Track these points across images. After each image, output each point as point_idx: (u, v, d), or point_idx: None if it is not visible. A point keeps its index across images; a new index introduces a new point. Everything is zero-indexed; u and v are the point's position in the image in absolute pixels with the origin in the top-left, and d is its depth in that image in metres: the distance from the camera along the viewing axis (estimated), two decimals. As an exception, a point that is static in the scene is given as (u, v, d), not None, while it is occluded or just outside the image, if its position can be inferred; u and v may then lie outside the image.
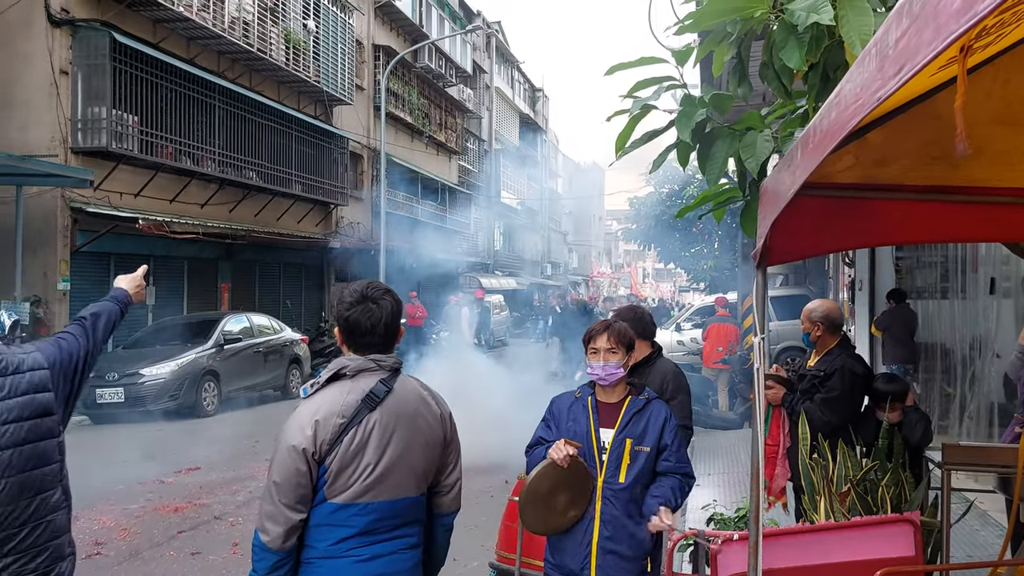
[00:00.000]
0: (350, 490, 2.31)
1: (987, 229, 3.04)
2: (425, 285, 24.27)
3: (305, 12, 19.46)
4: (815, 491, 3.87)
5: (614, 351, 3.14)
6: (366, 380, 2.39)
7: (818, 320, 4.49)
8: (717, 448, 9.82)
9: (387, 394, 2.42)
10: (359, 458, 2.31)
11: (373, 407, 2.36)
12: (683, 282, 41.56)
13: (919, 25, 1.01)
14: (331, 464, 2.30)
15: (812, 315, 4.52)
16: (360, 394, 2.36)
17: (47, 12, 13.34)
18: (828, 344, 4.49)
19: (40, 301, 13.01)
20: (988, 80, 2.04)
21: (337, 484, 2.31)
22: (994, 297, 7.30)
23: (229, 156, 17.01)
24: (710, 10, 2.33)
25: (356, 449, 2.31)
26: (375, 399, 2.37)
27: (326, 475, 2.31)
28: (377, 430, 2.34)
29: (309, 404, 2.35)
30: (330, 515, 2.32)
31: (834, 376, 4.30)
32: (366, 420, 2.34)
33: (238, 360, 13.94)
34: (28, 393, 2.45)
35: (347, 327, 2.45)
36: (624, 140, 3.22)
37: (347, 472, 2.31)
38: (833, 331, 4.50)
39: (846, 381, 4.28)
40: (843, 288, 13.87)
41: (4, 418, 2.38)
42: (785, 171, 2.26)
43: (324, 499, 2.32)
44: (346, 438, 2.31)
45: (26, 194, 12.79)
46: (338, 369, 2.40)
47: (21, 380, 2.46)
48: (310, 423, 2.30)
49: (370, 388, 2.38)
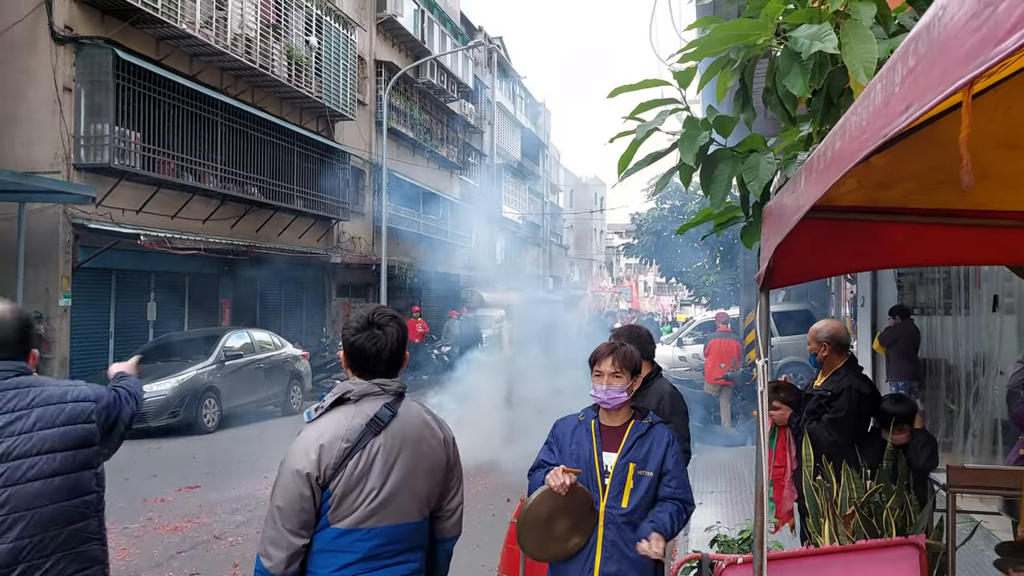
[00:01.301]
0: (354, 515, 2.29)
1: (991, 252, 3.03)
2: (426, 300, 24.29)
3: (307, 28, 19.56)
4: (819, 513, 3.85)
5: (618, 375, 3.12)
6: (370, 404, 2.38)
7: (824, 340, 4.48)
8: (720, 466, 9.78)
9: (391, 418, 2.41)
10: (363, 483, 2.30)
11: (377, 431, 2.35)
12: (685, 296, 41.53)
13: (926, 65, 1.01)
14: (335, 489, 2.28)
15: (819, 335, 4.50)
16: (365, 418, 2.35)
17: (51, 30, 13.42)
18: (835, 364, 4.47)
19: (42, 317, 13.01)
20: (991, 105, 2.04)
21: (341, 509, 2.29)
22: (997, 314, 7.29)
23: (231, 172, 17.06)
24: (714, 38, 2.33)
25: (360, 474, 2.30)
26: (380, 423, 2.36)
27: (330, 500, 2.29)
28: (381, 455, 2.33)
29: (313, 428, 2.34)
30: (333, 540, 2.30)
31: (841, 396, 4.29)
32: (370, 445, 2.33)
33: (239, 376, 13.91)
34: (65, 424, 2.49)
35: (352, 352, 2.45)
36: (626, 162, 3.21)
37: (351, 497, 2.29)
38: (840, 351, 4.49)
39: (853, 401, 4.26)
40: (845, 304, 13.86)
41: (36, 449, 2.43)
42: (789, 196, 2.26)
43: (327, 524, 2.30)
44: (350, 463, 2.29)
45: (28, 210, 12.82)
46: (343, 393, 2.39)
47: (59, 411, 2.51)
48: (314, 447, 2.28)
49: (375, 412, 2.37)
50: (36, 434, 2.43)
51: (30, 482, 2.39)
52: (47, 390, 2.52)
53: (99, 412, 2.61)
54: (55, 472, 2.44)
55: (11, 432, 2.41)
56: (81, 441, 2.52)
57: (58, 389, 2.55)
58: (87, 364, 13.69)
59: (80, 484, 2.52)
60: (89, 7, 13.93)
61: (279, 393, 15.15)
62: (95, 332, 14.47)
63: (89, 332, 14.25)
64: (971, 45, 0.88)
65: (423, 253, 26.97)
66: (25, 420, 2.45)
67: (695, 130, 2.86)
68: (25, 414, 2.45)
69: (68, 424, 2.50)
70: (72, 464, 2.49)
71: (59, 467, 2.45)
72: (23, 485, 2.39)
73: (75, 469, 2.50)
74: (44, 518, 2.41)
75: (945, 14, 0.98)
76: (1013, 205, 2.71)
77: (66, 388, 2.58)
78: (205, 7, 15.65)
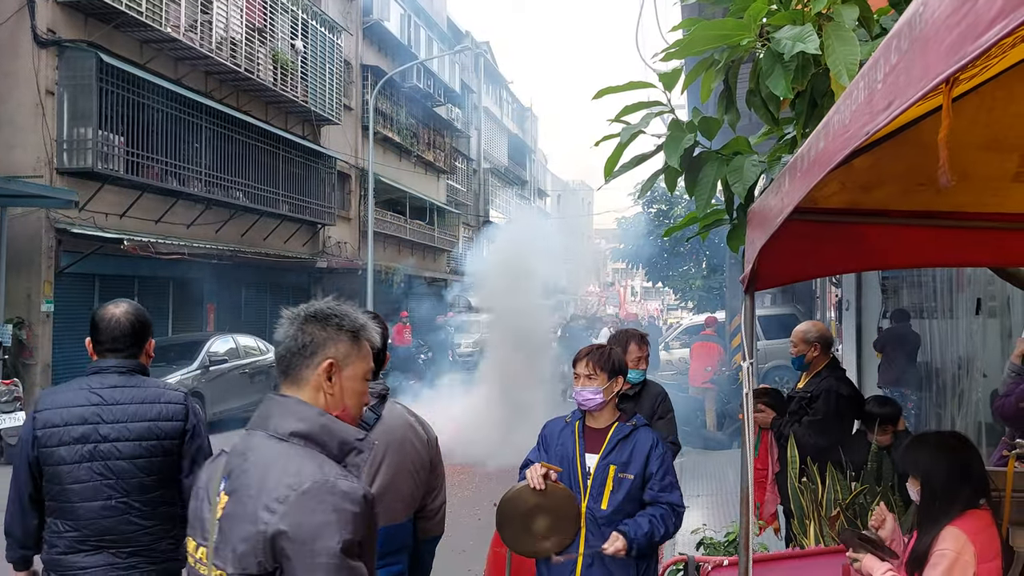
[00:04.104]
0: None
1: (974, 254, 3.05)
2: (414, 305, 24.22)
3: (293, 32, 19.50)
4: (804, 515, 3.86)
5: (592, 376, 3.12)
6: None
7: (815, 340, 4.51)
8: (706, 469, 9.81)
9: (376, 421, 2.41)
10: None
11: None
12: (672, 300, 41.60)
13: (907, 62, 1.01)
14: None
15: (807, 336, 4.54)
16: None
17: (34, 33, 13.30)
18: (820, 365, 4.50)
19: (23, 323, 12.88)
20: (972, 108, 2.06)
21: None
22: (980, 317, 7.33)
23: (216, 176, 16.96)
24: (697, 37, 2.34)
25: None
26: (365, 427, 2.34)
27: None
28: (367, 457, 2.32)
29: None
30: None
31: (820, 398, 4.32)
32: None
33: (224, 382, 13.80)
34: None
35: None
36: (612, 165, 3.22)
37: None
38: (827, 352, 4.53)
39: (832, 403, 4.29)
40: (830, 308, 13.92)
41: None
42: (773, 197, 2.27)
43: None
44: None
45: (10, 215, 12.69)
46: None
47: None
48: None
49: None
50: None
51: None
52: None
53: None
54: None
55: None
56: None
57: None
58: (70, 370, 13.55)
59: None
60: (72, 10, 13.82)
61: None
62: (78, 338, 14.28)
63: (72, 338, 14.08)
64: (952, 40, 0.89)
65: (409, 257, 26.91)
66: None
67: (680, 132, 2.87)
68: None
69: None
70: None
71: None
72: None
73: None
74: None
75: (926, 10, 0.98)
76: (995, 207, 2.72)
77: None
78: (190, 11, 15.57)
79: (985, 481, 2.62)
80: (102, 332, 2.82)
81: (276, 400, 1.72)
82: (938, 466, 2.54)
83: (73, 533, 2.67)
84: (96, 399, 2.72)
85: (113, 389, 2.75)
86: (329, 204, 21.86)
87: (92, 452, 2.67)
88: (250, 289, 19.64)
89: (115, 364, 2.79)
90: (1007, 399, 4.23)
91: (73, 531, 2.67)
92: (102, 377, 2.78)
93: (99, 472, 2.67)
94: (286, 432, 1.63)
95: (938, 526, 2.46)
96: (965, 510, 2.47)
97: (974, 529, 2.43)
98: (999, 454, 4.99)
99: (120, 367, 2.79)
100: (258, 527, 1.52)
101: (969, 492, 2.50)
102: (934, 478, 2.53)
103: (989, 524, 2.50)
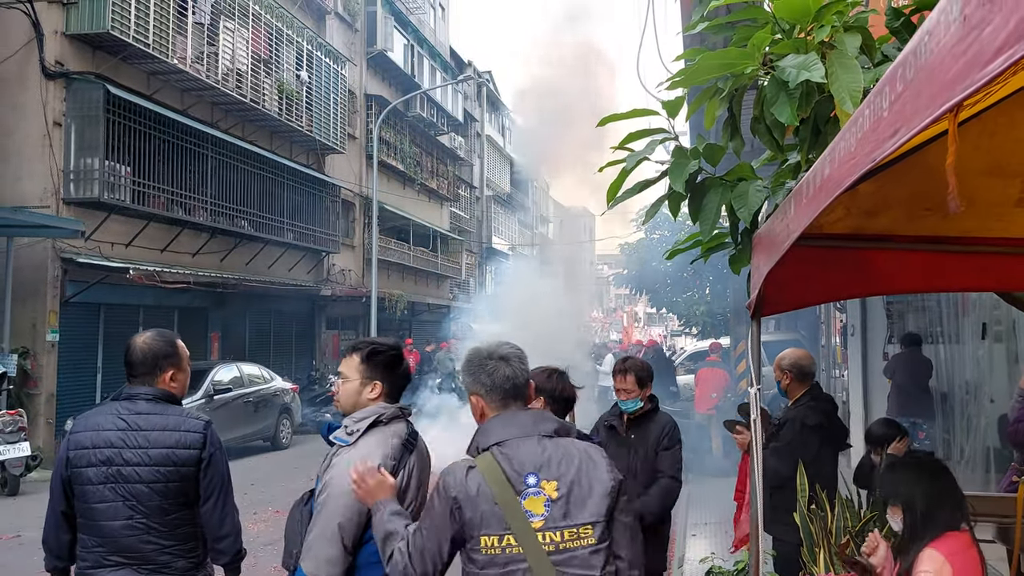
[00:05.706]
0: None
1: (979, 279, 3.05)
2: (416, 332, 24.21)
3: (298, 63, 19.70)
4: (814, 543, 3.82)
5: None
6: (398, 425, 2.63)
7: (787, 368, 4.52)
8: (712, 496, 9.71)
9: (416, 437, 2.69)
10: (405, 497, 2.50)
11: (411, 450, 2.60)
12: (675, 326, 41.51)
13: (914, 90, 1.03)
14: None
15: (781, 363, 4.57)
16: (399, 438, 2.58)
17: (42, 65, 13.46)
18: (796, 393, 4.51)
19: (28, 353, 12.88)
20: (975, 134, 2.07)
21: None
22: (985, 342, 7.31)
23: (221, 205, 17.05)
24: (701, 67, 2.36)
25: (403, 489, 2.50)
26: (412, 443, 2.62)
27: None
28: (416, 470, 2.58)
29: (358, 450, 2.52)
30: (375, 554, 2.42)
31: (786, 425, 4.35)
32: (408, 462, 2.56)
33: (228, 411, 13.76)
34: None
35: (395, 379, 2.74)
36: (615, 191, 3.24)
37: None
38: (802, 379, 4.51)
39: (795, 432, 4.31)
40: (835, 334, 13.88)
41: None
42: (779, 222, 2.28)
43: (370, 539, 2.44)
44: (396, 479, 2.49)
45: (16, 245, 12.75)
46: (376, 416, 2.59)
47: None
48: None
49: (405, 432, 2.62)
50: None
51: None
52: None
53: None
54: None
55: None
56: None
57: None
58: (75, 400, 13.53)
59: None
60: (80, 43, 13.99)
61: (268, 427, 15.01)
62: (83, 367, 14.31)
63: (77, 367, 14.10)
64: (957, 69, 0.90)
65: (413, 285, 26.94)
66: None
67: (684, 159, 2.89)
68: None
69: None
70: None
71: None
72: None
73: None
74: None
75: (931, 39, 1.00)
76: (999, 232, 2.73)
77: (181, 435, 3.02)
78: (196, 42, 15.76)
79: (963, 503, 2.64)
80: (127, 359, 3.03)
81: (531, 413, 2.34)
82: (918, 490, 2.57)
83: (100, 549, 2.83)
84: (123, 424, 2.88)
85: (139, 416, 2.91)
86: (333, 232, 21.95)
87: (115, 474, 2.83)
88: (254, 317, 19.65)
89: (144, 392, 2.97)
90: (1021, 424, 4.21)
91: (99, 547, 2.84)
92: (132, 403, 2.95)
93: (121, 494, 2.82)
94: (551, 431, 2.26)
95: (917, 548, 2.49)
96: (944, 532, 2.50)
97: (951, 551, 2.46)
98: (1008, 480, 4.95)
99: (147, 394, 2.96)
100: (609, 485, 2.21)
101: (948, 514, 2.53)
102: (915, 502, 2.56)
103: (968, 545, 2.53)
